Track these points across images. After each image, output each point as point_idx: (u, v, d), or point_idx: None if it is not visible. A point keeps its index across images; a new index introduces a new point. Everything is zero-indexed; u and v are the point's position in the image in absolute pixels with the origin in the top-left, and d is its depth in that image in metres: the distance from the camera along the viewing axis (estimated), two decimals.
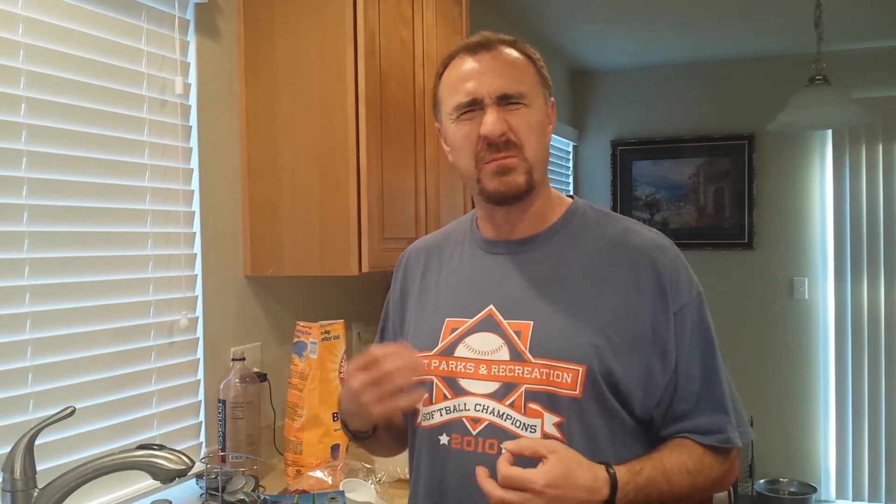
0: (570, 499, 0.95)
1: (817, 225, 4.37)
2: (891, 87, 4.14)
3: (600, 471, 0.99)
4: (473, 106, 1.11)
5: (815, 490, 4.25)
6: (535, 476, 0.95)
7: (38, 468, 1.23)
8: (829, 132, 4.26)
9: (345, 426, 1.24)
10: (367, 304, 2.51)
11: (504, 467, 0.96)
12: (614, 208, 4.65)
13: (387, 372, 1.02)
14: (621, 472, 1.00)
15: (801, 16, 3.34)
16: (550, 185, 1.23)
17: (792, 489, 4.30)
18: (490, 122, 1.08)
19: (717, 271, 4.43)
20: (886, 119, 4.15)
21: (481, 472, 0.98)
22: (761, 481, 4.27)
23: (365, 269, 1.82)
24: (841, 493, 4.31)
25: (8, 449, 1.22)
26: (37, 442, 1.23)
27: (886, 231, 4.20)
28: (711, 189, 4.55)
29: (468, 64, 1.12)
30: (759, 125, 4.25)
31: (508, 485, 0.95)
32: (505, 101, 1.09)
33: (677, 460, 1.07)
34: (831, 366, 4.33)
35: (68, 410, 1.24)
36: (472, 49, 1.13)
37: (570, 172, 4.83)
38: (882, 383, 4.22)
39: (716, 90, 4.52)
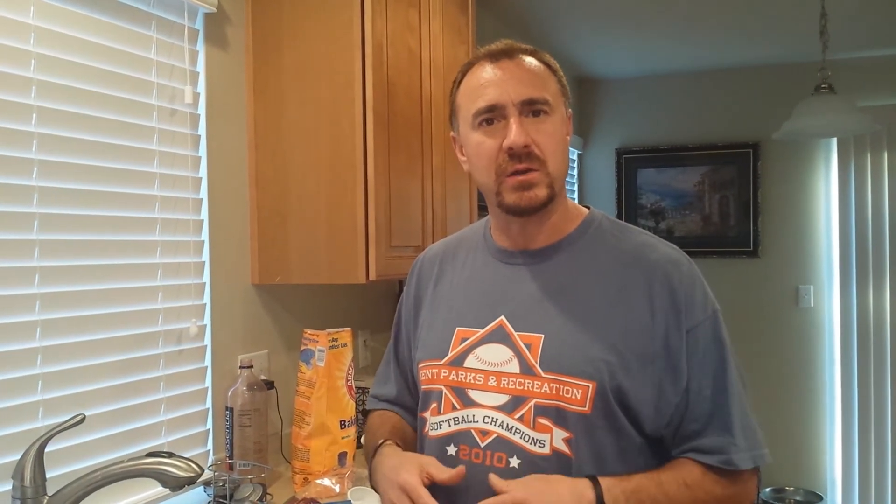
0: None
1: (822, 233, 4.36)
2: None
3: (579, 481, 1.01)
4: (494, 112, 1.09)
5: (821, 499, 4.24)
6: (514, 485, 0.99)
7: (48, 476, 1.24)
8: (835, 140, 4.26)
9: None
10: (374, 313, 2.52)
11: None
12: (619, 216, 4.65)
13: None
14: (605, 479, 1.01)
15: (806, 24, 3.35)
16: None
17: (798, 498, 4.28)
18: (514, 132, 1.06)
19: (723, 279, 4.42)
20: (891, 127, 4.14)
21: None
22: (767, 490, 4.26)
23: (372, 277, 1.83)
24: (847, 502, 4.29)
25: (18, 457, 1.23)
26: (46, 449, 1.24)
27: (892, 238, 4.18)
28: (716, 197, 4.55)
29: (489, 71, 1.11)
30: (764, 133, 4.24)
31: None
32: (529, 106, 1.08)
33: (674, 474, 1.05)
34: (837, 374, 4.31)
35: (78, 418, 1.25)
36: (494, 56, 1.12)
37: (575, 181, 4.84)
38: (888, 391, 4.19)
39: (721, 98, 4.52)
